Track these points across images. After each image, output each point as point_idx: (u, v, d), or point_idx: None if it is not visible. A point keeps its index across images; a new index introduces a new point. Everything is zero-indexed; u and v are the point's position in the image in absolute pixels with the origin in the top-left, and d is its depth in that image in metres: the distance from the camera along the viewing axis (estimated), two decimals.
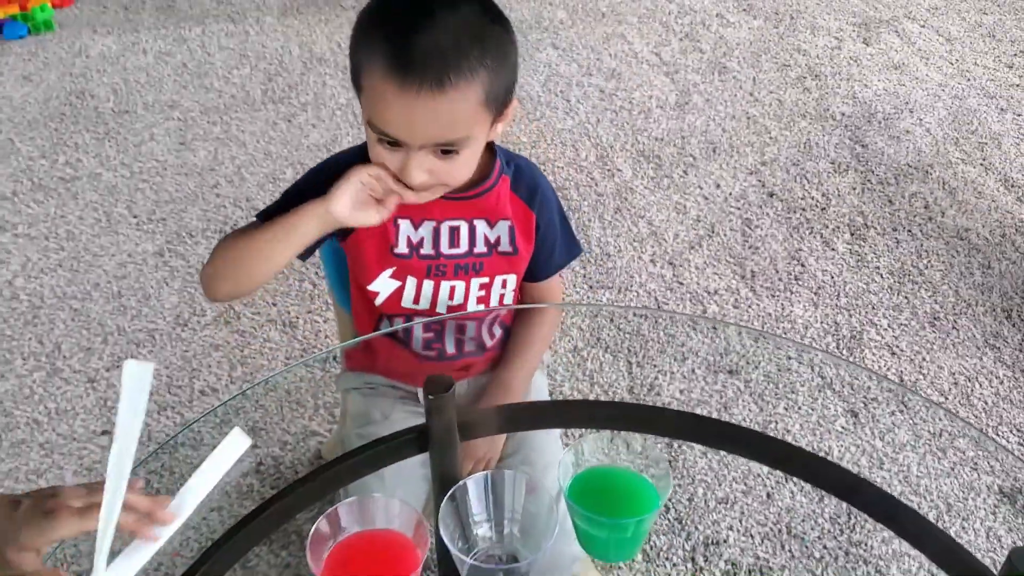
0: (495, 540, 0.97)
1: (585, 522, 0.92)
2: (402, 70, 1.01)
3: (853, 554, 1.74)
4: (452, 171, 1.12)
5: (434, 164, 1.10)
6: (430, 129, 1.06)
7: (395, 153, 1.09)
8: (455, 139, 1.08)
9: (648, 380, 2.06)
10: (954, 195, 2.69)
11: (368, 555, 0.90)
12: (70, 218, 2.55)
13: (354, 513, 0.90)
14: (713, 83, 3.23)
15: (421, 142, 1.07)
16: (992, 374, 2.13)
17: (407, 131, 1.06)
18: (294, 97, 3.11)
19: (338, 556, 0.89)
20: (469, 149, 1.11)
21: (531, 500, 0.94)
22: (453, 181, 1.15)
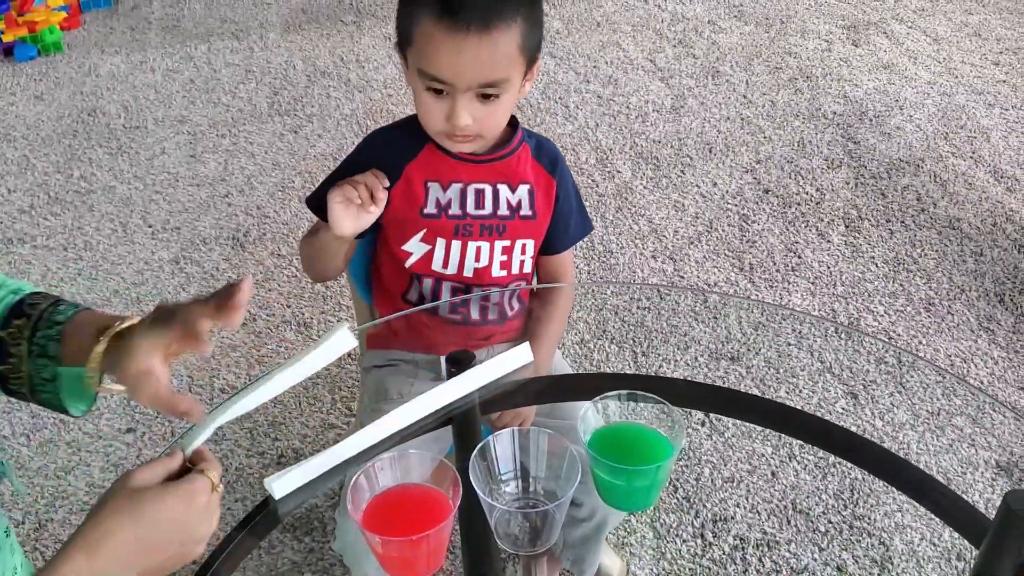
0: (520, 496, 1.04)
1: (606, 471, 0.99)
2: (452, 15, 1.15)
3: (857, 527, 1.81)
4: (492, 117, 1.25)
5: (477, 109, 1.23)
6: (476, 69, 1.19)
7: (441, 100, 1.23)
8: (497, 79, 1.20)
9: (653, 368, 2.12)
10: (945, 187, 2.77)
11: (404, 506, 0.96)
12: (87, 229, 2.63)
13: (389, 468, 0.97)
14: (707, 87, 3.31)
15: (468, 83, 1.20)
16: (987, 355, 2.20)
17: (457, 71, 1.19)
18: (299, 109, 3.19)
19: (375, 507, 0.96)
20: (507, 94, 1.24)
21: (554, 455, 1.00)
22: (491, 128, 1.28)
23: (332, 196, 1.24)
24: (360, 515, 0.94)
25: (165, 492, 0.78)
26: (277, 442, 1.98)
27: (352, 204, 1.24)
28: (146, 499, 0.77)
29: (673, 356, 2.15)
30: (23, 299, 0.97)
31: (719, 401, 1.28)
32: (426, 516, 0.96)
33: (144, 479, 0.79)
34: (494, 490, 1.02)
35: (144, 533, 0.76)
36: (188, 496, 0.79)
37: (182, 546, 0.79)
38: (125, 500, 0.77)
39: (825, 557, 1.75)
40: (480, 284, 1.40)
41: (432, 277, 1.39)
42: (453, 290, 1.41)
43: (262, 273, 2.44)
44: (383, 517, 0.95)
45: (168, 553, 0.79)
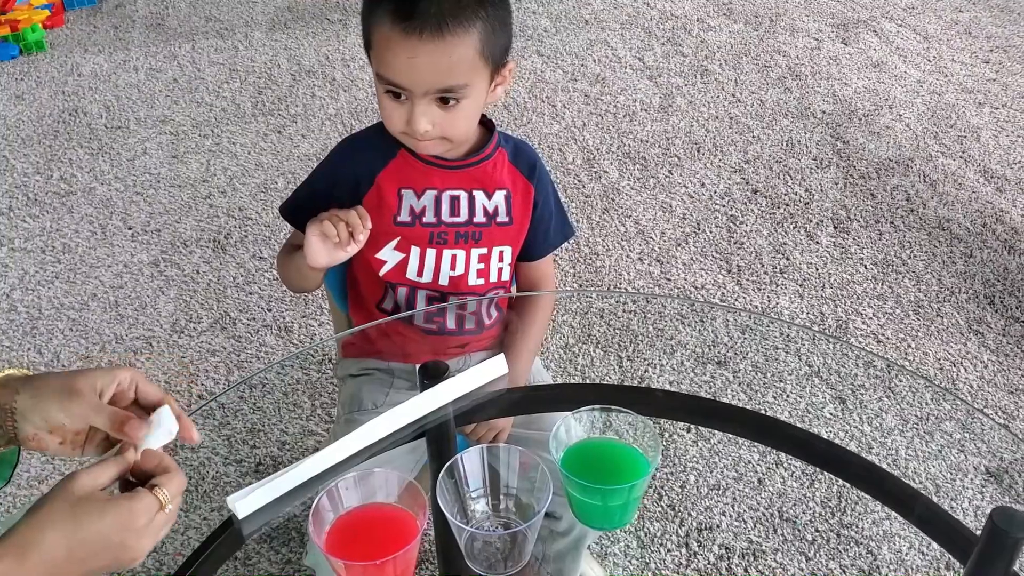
0: (491, 514, 1.01)
1: (579, 491, 0.96)
2: (405, 19, 1.12)
3: (844, 536, 1.78)
4: (454, 122, 1.21)
5: (437, 114, 1.19)
6: (431, 74, 1.16)
7: (401, 105, 1.20)
8: (454, 85, 1.17)
9: (638, 373, 2.09)
10: (935, 187, 2.74)
11: (368, 526, 0.93)
12: (66, 231, 2.59)
13: (354, 488, 0.94)
14: (696, 85, 3.28)
15: (424, 88, 1.17)
16: (976, 359, 2.18)
17: (410, 76, 1.16)
18: (284, 109, 3.15)
19: (339, 528, 0.92)
20: (469, 100, 1.20)
21: (526, 471, 0.97)
22: (455, 133, 1.24)
23: (311, 229, 1.21)
24: (323, 538, 0.91)
25: (105, 508, 0.76)
26: (255, 450, 1.94)
27: (329, 240, 1.21)
28: (85, 512, 0.75)
29: (659, 360, 2.12)
30: None
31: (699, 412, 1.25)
32: (392, 537, 0.92)
33: (87, 485, 0.77)
34: (465, 509, 0.99)
35: (78, 545, 0.75)
36: (129, 516, 0.77)
37: (116, 560, 0.78)
38: (64, 508, 0.75)
39: (812, 566, 1.73)
40: (456, 292, 1.37)
41: (407, 286, 1.36)
42: (428, 298, 1.37)
43: (242, 276, 2.41)
44: (347, 539, 0.92)
45: (101, 563, 0.77)
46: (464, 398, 1.20)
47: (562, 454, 0.98)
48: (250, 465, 1.91)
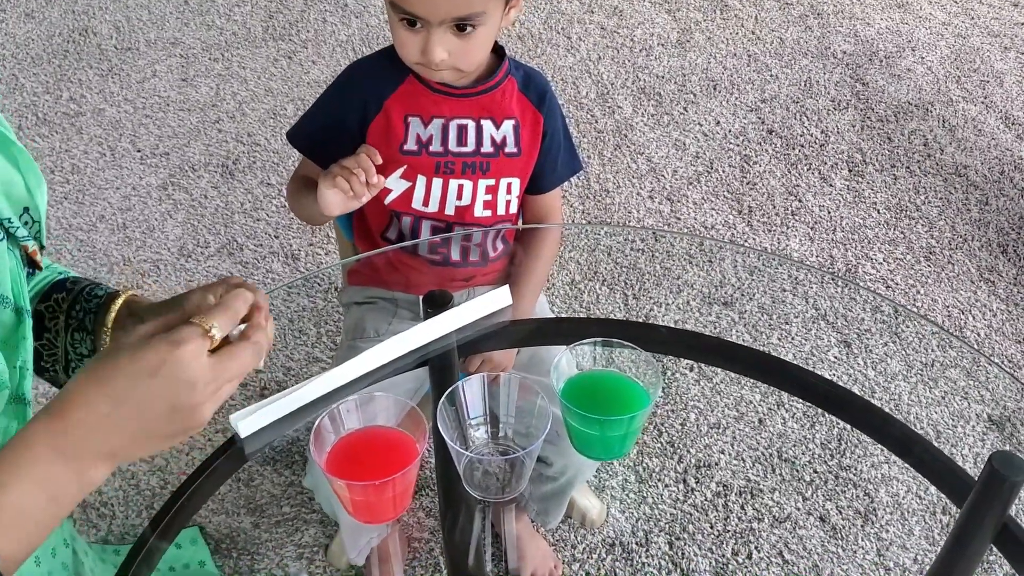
0: (490, 441, 1.01)
1: (578, 420, 0.96)
2: None
3: (843, 478, 1.79)
4: (469, 50, 1.19)
5: (452, 43, 1.17)
6: (448, 3, 1.13)
7: (415, 34, 1.17)
8: (472, 13, 1.15)
9: (644, 311, 2.09)
10: (953, 132, 2.70)
11: (369, 448, 0.94)
12: (75, 152, 2.57)
13: (355, 411, 0.94)
14: (715, 21, 3.21)
15: (441, 17, 1.14)
16: (986, 307, 2.16)
17: (429, 6, 1.13)
18: (295, 34, 3.10)
19: (340, 450, 0.93)
20: (485, 27, 1.18)
21: (525, 401, 0.97)
22: (469, 62, 1.22)
23: (323, 183, 1.19)
24: (324, 458, 0.92)
25: (141, 345, 0.66)
26: (260, 374, 1.96)
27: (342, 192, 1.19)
28: (120, 358, 0.66)
29: (665, 300, 2.12)
30: (67, 278, 0.95)
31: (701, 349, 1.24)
32: (391, 460, 0.93)
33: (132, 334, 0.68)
34: (464, 435, 0.99)
35: (117, 395, 0.65)
36: (168, 348, 0.66)
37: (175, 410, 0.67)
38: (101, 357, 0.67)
39: (808, 506, 1.74)
40: (462, 223, 1.36)
41: (412, 215, 1.35)
42: (434, 229, 1.36)
43: (250, 202, 2.40)
44: (348, 460, 0.93)
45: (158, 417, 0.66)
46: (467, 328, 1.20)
47: (563, 385, 0.98)
48: (255, 389, 1.92)
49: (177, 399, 0.66)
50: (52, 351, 0.93)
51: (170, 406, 0.66)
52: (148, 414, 0.66)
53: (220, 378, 0.69)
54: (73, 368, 0.94)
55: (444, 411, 0.94)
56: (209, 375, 0.67)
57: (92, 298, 0.93)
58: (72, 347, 0.93)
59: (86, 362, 0.92)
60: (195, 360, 0.66)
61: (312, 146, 1.36)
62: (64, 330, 0.93)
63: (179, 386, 0.66)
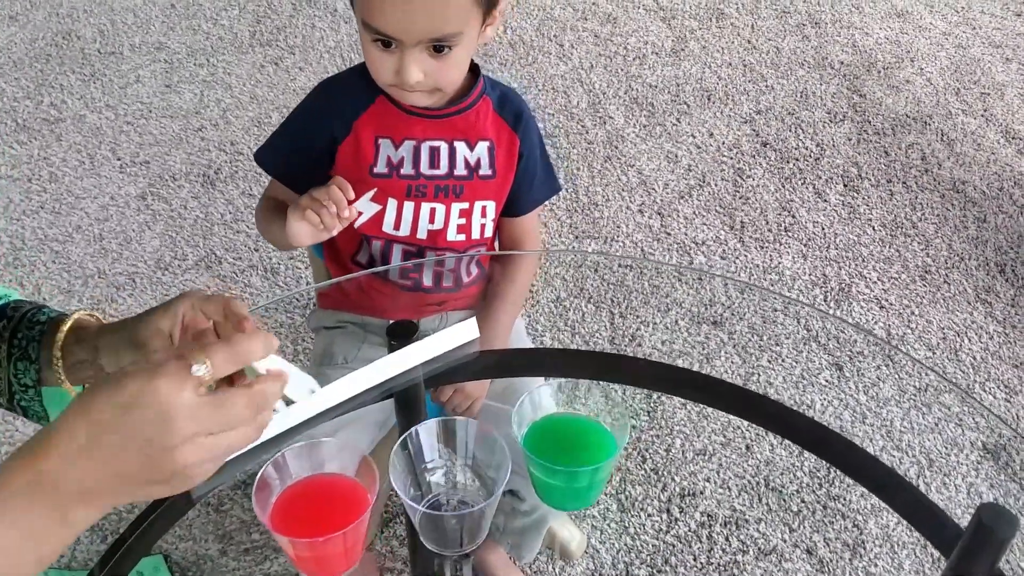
0: (449, 487, 0.96)
1: (541, 471, 0.90)
2: None
3: (831, 508, 1.73)
4: (445, 71, 1.14)
5: (428, 63, 1.12)
6: (424, 23, 1.08)
7: (390, 54, 1.12)
8: (448, 34, 1.09)
9: (630, 331, 2.03)
10: (952, 147, 2.64)
11: (316, 499, 0.88)
12: (53, 160, 2.52)
13: (301, 458, 0.89)
14: (711, 29, 3.16)
15: (417, 38, 1.09)
16: (982, 329, 2.11)
17: (403, 27, 1.08)
18: (282, 40, 3.05)
19: (285, 501, 0.88)
20: (461, 47, 1.13)
21: (483, 446, 0.92)
22: (446, 82, 1.17)
23: (293, 215, 1.13)
24: (268, 511, 0.86)
25: (124, 375, 0.61)
26: None
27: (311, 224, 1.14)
28: (104, 385, 0.61)
29: (652, 319, 2.06)
30: (7, 304, 0.91)
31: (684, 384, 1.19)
32: (341, 511, 0.88)
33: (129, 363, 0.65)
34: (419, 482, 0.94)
35: (94, 423, 0.60)
36: (145, 378, 0.60)
37: (150, 450, 0.60)
38: (89, 390, 0.61)
39: (795, 538, 1.68)
40: (435, 247, 1.30)
41: (382, 239, 1.29)
42: (405, 253, 1.31)
43: (231, 214, 2.34)
44: (293, 513, 0.87)
45: (134, 457, 0.60)
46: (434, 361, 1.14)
47: (525, 430, 0.93)
48: None
49: (150, 435, 0.60)
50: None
51: (143, 443, 0.60)
52: (123, 452, 0.60)
53: (203, 423, 0.61)
54: (18, 400, 0.90)
55: (396, 460, 0.89)
56: (188, 414, 0.60)
57: (35, 324, 0.88)
58: (15, 377, 0.88)
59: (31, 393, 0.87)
60: (173, 394, 0.60)
61: (281, 168, 1.31)
62: (7, 360, 0.88)
63: (152, 421, 0.59)
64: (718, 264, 2.24)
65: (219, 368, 0.63)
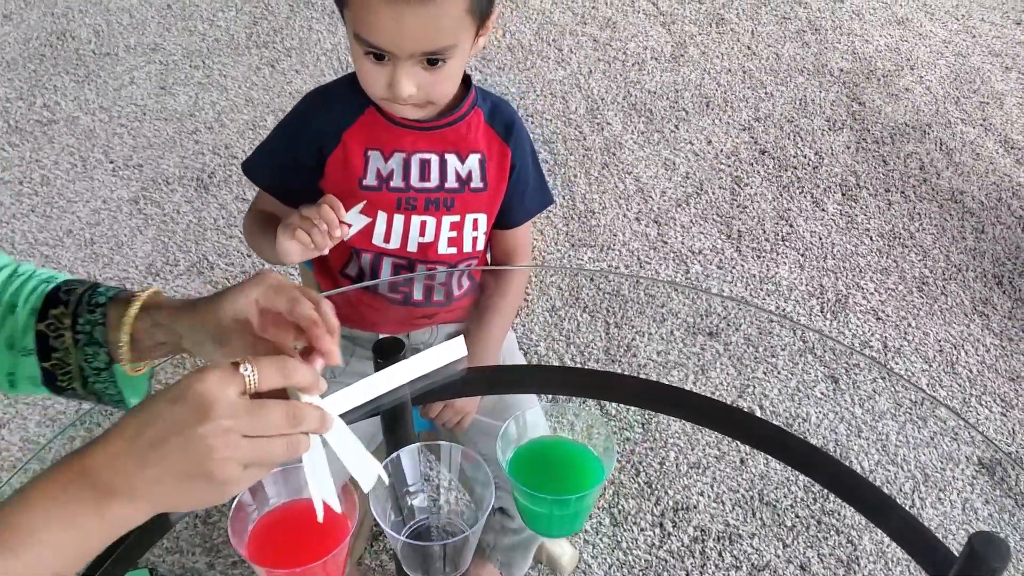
0: (432, 511, 0.94)
1: (526, 498, 0.89)
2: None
3: (825, 523, 1.72)
4: (439, 83, 1.12)
5: (421, 76, 1.10)
6: (418, 37, 1.06)
7: (382, 67, 1.10)
8: (442, 47, 1.07)
9: (625, 341, 2.01)
10: (951, 156, 2.62)
11: (294, 527, 0.86)
12: (45, 162, 2.50)
13: (278, 483, 0.87)
14: (710, 35, 3.14)
15: (410, 51, 1.07)
16: (979, 342, 2.09)
17: (395, 41, 1.06)
18: (279, 42, 3.03)
19: (262, 529, 0.86)
20: (455, 60, 1.11)
21: (467, 471, 0.90)
22: (439, 95, 1.15)
23: (283, 234, 1.11)
24: (244, 539, 0.85)
25: (171, 386, 0.63)
26: None
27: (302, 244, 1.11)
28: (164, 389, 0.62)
29: (647, 329, 2.04)
30: (58, 287, 0.88)
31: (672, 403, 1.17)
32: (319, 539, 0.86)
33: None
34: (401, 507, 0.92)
35: (141, 416, 0.62)
36: (194, 376, 0.62)
37: (187, 444, 0.61)
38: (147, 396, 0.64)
39: (789, 554, 1.67)
40: (425, 260, 1.28)
41: (372, 251, 1.27)
42: (395, 265, 1.29)
43: (224, 218, 2.33)
44: (271, 541, 0.86)
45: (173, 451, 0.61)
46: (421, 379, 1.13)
47: (510, 455, 0.91)
48: None
49: (188, 424, 0.61)
50: (66, 369, 0.86)
51: (181, 433, 0.61)
52: (161, 446, 0.61)
53: (240, 420, 0.62)
54: (92, 383, 0.87)
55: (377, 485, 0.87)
56: (227, 409, 0.61)
57: (95, 307, 0.85)
58: (87, 362, 0.86)
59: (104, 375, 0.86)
60: (216, 390, 0.62)
61: (269, 179, 1.29)
62: (73, 346, 0.85)
63: (192, 411, 0.61)
64: (715, 273, 2.22)
65: (265, 377, 0.65)
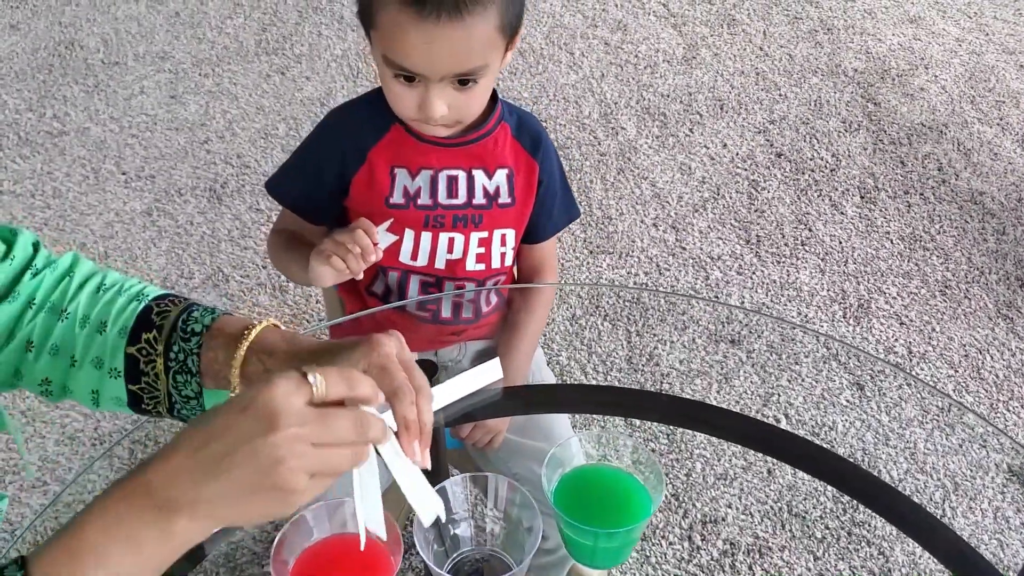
0: (476, 542, 0.92)
1: (571, 529, 0.87)
2: (419, 2, 0.99)
3: (856, 535, 1.70)
4: (470, 103, 1.12)
5: (453, 96, 1.09)
6: (450, 59, 1.04)
7: (412, 88, 1.08)
8: (474, 68, 1.06)
9: (647, 350, 1.99)
10: (969, 156, 2.60)
11: (338, 563, 0.85)
12: (57, 175, 2.48)
13: (321, 518, 0.85)
14: (722, 36, 3.11)
15: (441, 74, 1.06)
16: (1004, 346, 2.07)
17: (427, 63, 1.04)
18: (288, 48, 3.01)
19: (305, 565, 0.84)
20: (486, 79, 1.10)
21: (514, 501, 0.88)
22: (469, 114, 1.15)
23: (316, 260, 1.09)
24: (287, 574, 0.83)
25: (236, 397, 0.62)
26: None
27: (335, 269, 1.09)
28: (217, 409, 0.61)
29: (669, 337, 2.02)
30: (149, 307, 0.84)
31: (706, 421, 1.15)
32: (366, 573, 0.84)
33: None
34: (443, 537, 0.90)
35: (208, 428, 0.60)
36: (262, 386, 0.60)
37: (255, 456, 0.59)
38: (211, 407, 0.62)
39: (820, 567, 1.65)
40: (453, 277, 1.27)
41: (399, 269, 1.25)
42: (423, 283, 1.27)
43: (238, 229, 2.31)
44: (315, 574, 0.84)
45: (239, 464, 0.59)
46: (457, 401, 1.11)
47: (556, 483, 0.89)
48: None
49: (259, 437, 0.59)
50: (153, 394, 0.84)
51: (248, 443, 0.59)
52: (227, 457, 0.59)
53: (308, 428, 0.60)
54: (178, 410, 0.85)
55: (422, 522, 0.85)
56: (295, 417, 0.60)
57: (190, 336, 0.82)
58: (175, 389, 0.83)
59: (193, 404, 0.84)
60: (284, 398, 0.60)
61: (294, 198, 1.27)
62: (164, 373, 0.83)
63: (262, 422, 0.59)
64: (735, 280, 2.20)
65: (332, 386, 0.63)
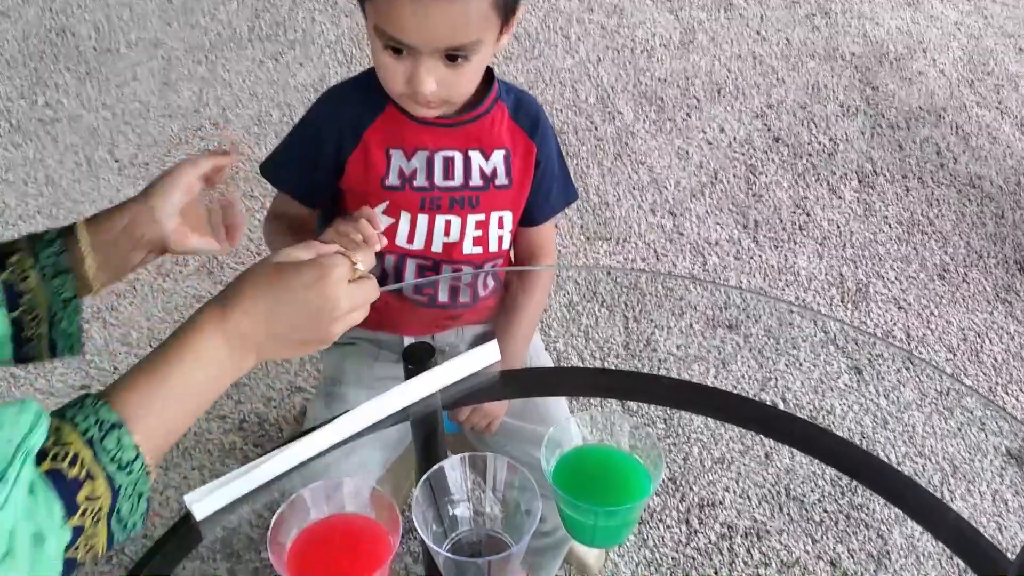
0: (474, 522, 0.91)
1: (570, 508, 0.86)
2: None
3: (854, 518, 1.69)
4: (460, 81, 1.09)
5: (443, 73, 1.06)
6: (442, 31, 1.02)
7: (402, 61, 1.06)
8: (467, 43, 1.04)
9: (645, 335, 1.99)
10: (967, 140, 2.59)
11: (336, 543, 0.84)
12: (49, 162, 2.46)
13: (319, 498, 0.84)
14: (719, 20, 3.10)
15: (433, 46, 1.03)
16: (1003, 329, 2.06)
17: (419, 34, 1.02)
18: (282, 34, 2.99)
19: (303, 543, 0.83)
20: (478, 56, 1.07)
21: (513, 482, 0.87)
22: (459, 94, 1.12)
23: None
24: (284, 554, 0.82)
25: (302, 264, 0.79)
26: (240, 405, 1.86)
27: None
28: (285, 269, 0.79)
29: (666, 323, 2.01)
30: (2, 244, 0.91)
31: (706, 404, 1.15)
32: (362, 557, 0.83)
33: (288, 255, 0.81)
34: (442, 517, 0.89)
35: (277, 297, 0.77)
36: (323, 268, 0.79)
37: (317, 321, 0.79)
38: (265, 267, 0.79)
39: (818, 550, 1.64)
40: (450, 260, 1.25)
41: (395, 253, 1.24)
42: (419, 267, 1.26)
43: None
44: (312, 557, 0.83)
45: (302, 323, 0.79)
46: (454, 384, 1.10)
47: (554, 463, 0.88)
48: (234, 422, 1.82)
49: (320, 312, 0.79)
50: (33, 314, 0.88)
51: (313, 317, 0.79)
52: (295, 319, 0.78)
53: (352, 302, 0.81)
54: (58, 321, 0.90)
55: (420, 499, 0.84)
56: (345, 297, 0.80)
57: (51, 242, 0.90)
58: (56, 294, 0.89)
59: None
60: (340, 283, 0.80)
61: (288, 181, 1.26)
62: (41, 281, 0.88)
63: (324, 301, 0.78)
64: (732, 265, 2.19)
65: (366, 265, 0.85)
